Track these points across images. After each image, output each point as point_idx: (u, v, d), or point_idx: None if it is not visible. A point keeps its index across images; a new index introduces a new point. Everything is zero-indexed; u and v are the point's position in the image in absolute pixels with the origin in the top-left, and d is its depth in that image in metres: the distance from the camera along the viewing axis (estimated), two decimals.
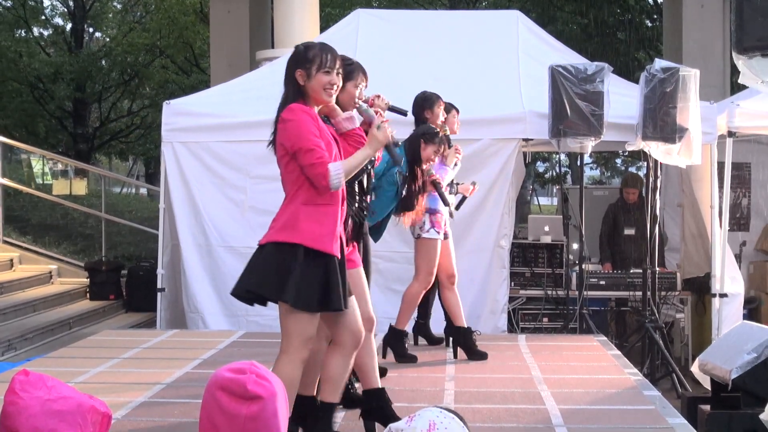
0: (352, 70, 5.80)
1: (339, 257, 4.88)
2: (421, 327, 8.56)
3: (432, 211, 7.73)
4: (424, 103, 7.98)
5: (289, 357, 4.84)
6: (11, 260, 13.64)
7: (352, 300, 5.08)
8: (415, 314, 8.39)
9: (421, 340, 8.57)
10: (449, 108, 8.32)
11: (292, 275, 4.72)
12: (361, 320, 5.10)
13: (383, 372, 7.19)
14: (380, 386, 5.73)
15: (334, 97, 5.10)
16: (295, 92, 4.96)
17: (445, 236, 8.00)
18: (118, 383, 7.02)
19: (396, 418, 5.40)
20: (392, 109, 6.55)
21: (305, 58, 5.00)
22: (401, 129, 7.43)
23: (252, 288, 4.89)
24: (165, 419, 5.99)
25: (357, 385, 6.27)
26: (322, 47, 5.11)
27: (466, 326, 8.05)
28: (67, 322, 11.96)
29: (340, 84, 5.13)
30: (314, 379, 5.42)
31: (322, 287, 4.79)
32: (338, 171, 4.78)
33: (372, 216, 6.56)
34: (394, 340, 7.87)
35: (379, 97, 6.50)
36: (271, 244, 4.81)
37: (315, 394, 5.46)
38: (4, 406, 3.69)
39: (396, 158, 5.42)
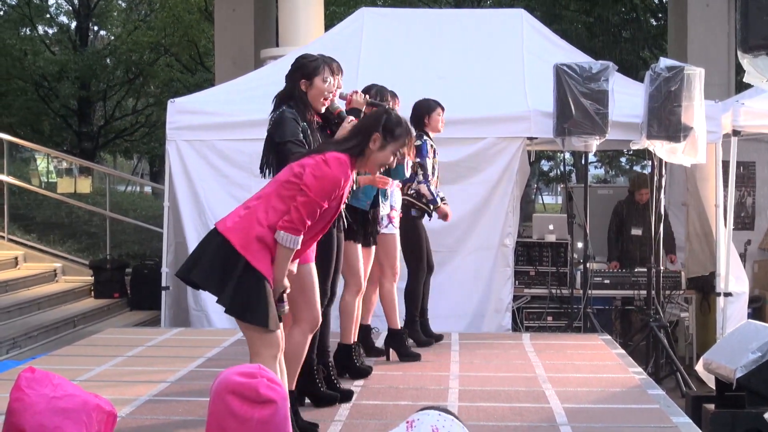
0: (317, 65, 5.87)
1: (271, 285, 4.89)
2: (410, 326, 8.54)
3: (390, 207, 7.72)
4: (422, 109, 8.13)
5: (260, 358, 4.83)
6: (16, 258, 13.65)
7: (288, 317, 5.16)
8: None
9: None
10: (435, 105, 8.33)
11: (231, 280, 4.75)
12: (283, 336, 5.06)
13: (368, 371, 7.22)
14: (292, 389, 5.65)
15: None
16: (359, 145, 5.02)
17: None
18: (122, 381, 7.02)
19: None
20: (371, 104, 6.60)
21: (394, 134, 5.09)
22: None
23: (196, 280, 4.92)
24: (169, 417, 6.00)
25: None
26: (408, 129, 5.23)
27: (399, 328, 7.91)
28: (72, 320, 11.97)
29: None
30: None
31: (253, 301, 4.79)
32: (290, 247, 4.80)
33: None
34: (393, 340, 7.83)
35: (356, 92, 6.56)
36: (222, 238, 4.81)
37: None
38: (10, 402, 3.70)
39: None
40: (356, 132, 5.10)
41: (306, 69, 5.91)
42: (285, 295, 5.00)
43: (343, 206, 5.24)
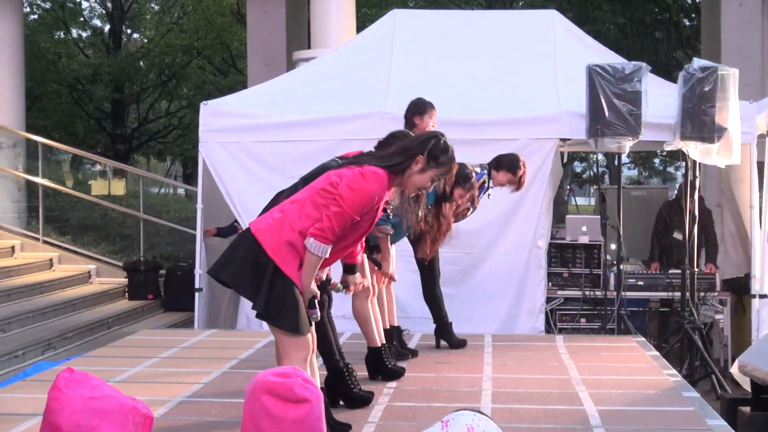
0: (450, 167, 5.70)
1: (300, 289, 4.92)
2: (442, 329, 8.52)
3: None
4: (416, 109, 7.96)
5: (289, 359, 4.85)
6: (51, 260, 13.75)
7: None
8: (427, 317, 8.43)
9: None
10: (428, 106, 8.17)
11: (263, 284, 4.78)
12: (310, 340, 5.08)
13: (400, 373, 7.19)
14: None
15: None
16: (400, 164, 5.03)
17: None
18: (156, 382, 7.05)
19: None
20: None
21: (438, 161, 5.10)
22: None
23: (226, 280, 4.97)
24: (203, 418, 6.02)
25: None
26: (453, 159, 5.25)
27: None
28: (106, 321, 12.04)
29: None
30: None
31: (282, 305, 4.83)
32: (319, 254, 4.84)
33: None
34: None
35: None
36: (254, 239, 4.86)
37: None
38: (48, 401, 3.73)
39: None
40: (401, 150, 5.09)
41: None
42: (316, 302, 5.02)
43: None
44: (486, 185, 8.24)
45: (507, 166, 8.29)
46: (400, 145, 5.19)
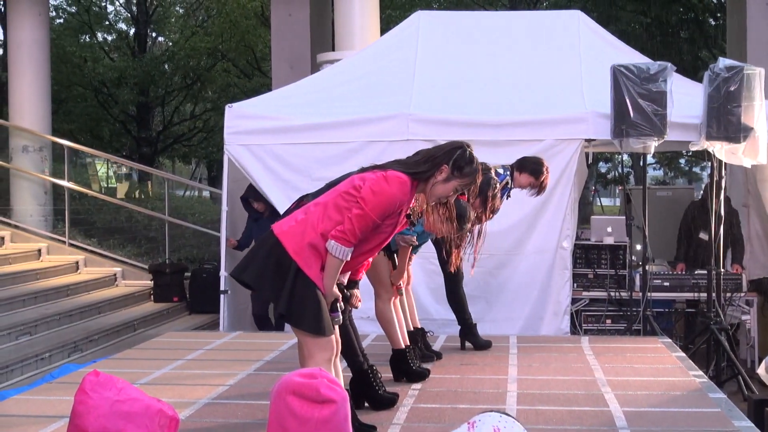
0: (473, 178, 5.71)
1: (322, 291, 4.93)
2: (466, 330, 8.50)
3: None
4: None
5: (314, 360, 4.88)
6: (77, 263, 13.82)
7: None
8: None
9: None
10: None
11: (285, 285, 4.79)
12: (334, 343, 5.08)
13: (425, 374, 7.19)
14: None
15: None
16: (425, 172, 5.05)
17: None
18: (182, 384, 7.08)
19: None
20: None
21: (460, 167, 5.12)
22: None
23: (248, 281, 4.98)
24: (229, 420, 6.03)
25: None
26: (477, 171, 5.25)
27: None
28: (132, 323, 12.09)
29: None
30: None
31: (304, 307, 4.85)
32: (340, 257, 4.86)
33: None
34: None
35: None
36: (276, 240, 4.88)
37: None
38: (74, 405, 3.74)
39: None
40: (426, 159, 5.11)
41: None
42: (339, 305, 5.03)
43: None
44: (509, 186, 8.22)
45: (530, 169, 8.28)
46: (425, 153, 5.20)
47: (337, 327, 5.12)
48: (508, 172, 8.22)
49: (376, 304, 7.14)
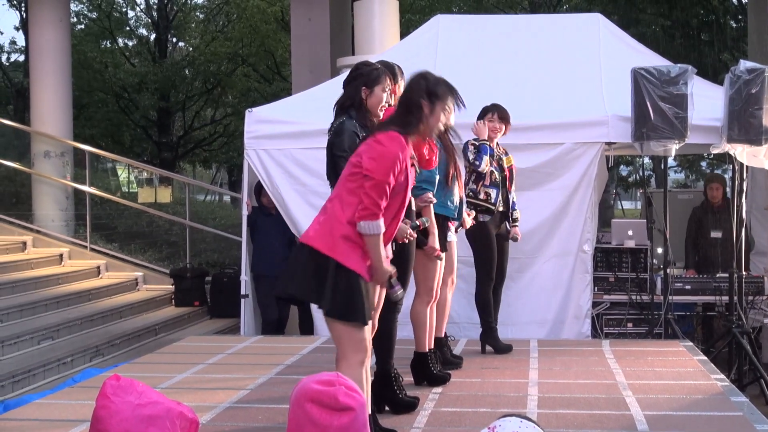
0: (378, 74, 5.93)
1: (368, 279, 4.95)
2: (488, 334, 8.50)
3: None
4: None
5: (347, 363, 4.89)
6: (98, 268, 13.86)
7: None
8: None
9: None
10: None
11: (326, 284, 4.78)
12: (370, 339, 5.08)
13: (446, 378, 7.18)
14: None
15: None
16: (411, 121, 5.05)
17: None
18: (203, 388, 7.09)
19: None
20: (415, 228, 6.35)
21: (438, 94, 5.11)
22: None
23: (293, 292, 4.99)
24: (249, 424, 6.04)
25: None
26: (449, 86, 5.25)
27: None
28: (153, 328, 12.12)
29: None
30: None
31: (349, 299, 4.84)
32: (375, 231, 4.85)
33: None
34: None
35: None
36: (308, 248, 4.87)
37: None
38: (96, 409, 3.76)
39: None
40: (405, 109, 5.09)
41: (368, 77, 5.93)
42: (394, 280, 5.05)
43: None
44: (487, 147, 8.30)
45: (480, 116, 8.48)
46: (400, 104, 5.18)
47: (371, 328, 5.10)
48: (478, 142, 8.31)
49: (413, 304, 7.14)
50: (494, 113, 8.45)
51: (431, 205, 6.94)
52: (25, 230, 14.34)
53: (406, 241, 5.83)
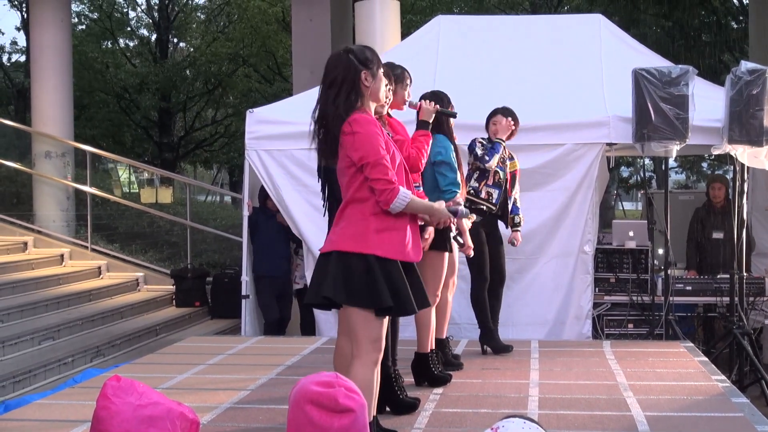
0: (401, 73, 5.91)
1: (417, 259, 4.95)
2: (486, 335, 8.48)
3: None
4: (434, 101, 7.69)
5: (362, 361, 4.86)
6: (99, 268, 13.86)
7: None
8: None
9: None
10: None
11: (364, 281, 4.76)
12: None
13: (447, 379, 7.18)
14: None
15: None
16: (357, 95, 4.97)
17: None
18: (203, 389, 7.09)
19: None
20: (441, 112, 6.69)
21: (367, 59, 5.02)
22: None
23: (328, 294, 4.87)
24: (250, 424, 6.04)
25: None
26: (371, 49, 5.13)
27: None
28: (154, 328, 12.11)
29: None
30: None
31: (392, 292, 4.82)
32: (405, 198, 4.82)
33: None
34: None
35: (426, 101, 6.57)
36: (337, 253, 4.83)
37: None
38: (96, 410, 3.75)
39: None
40: (343, 88, 5.00)
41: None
42: (452, 208, 5.12)
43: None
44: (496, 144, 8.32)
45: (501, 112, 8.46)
46: (336, 86, 5.05)
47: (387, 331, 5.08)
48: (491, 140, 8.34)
49: None
50: (511, 117, 8.42)
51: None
52: (26, 230, 14.34)
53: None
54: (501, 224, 8.59)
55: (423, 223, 5.43)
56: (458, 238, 7.30)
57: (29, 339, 10.32)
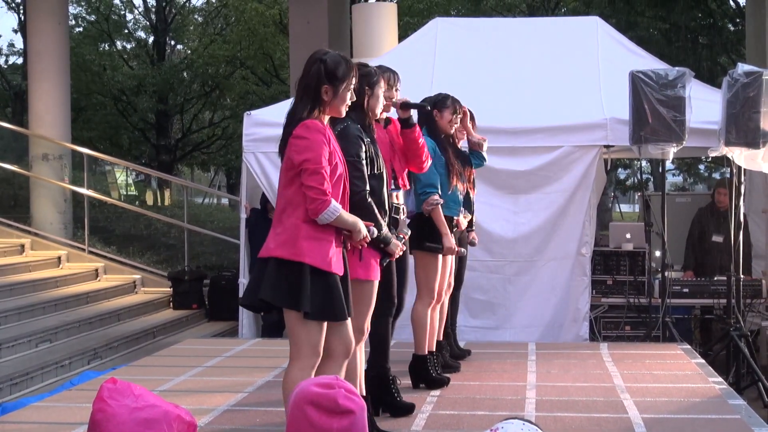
0: (376, 80, 5.83)
1: (341, 273, 4.94)
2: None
3: None
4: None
5: (300, 364, 4.89)
6: (96, 270, 13.85)
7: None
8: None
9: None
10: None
11: (301, 288, 4.78)
12: (352, 331, 5.07)
13: (444, 381, 7.17)
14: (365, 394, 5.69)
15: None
16: (313, 105, 4.98)
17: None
18: (201, 391, 7.10)
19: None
20: (409, 105, 6.52)
21: (334, 75, 5.00)
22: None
23: (265, 298, 4.90)
24: (247, 427, 6.04)
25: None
26: (348, 64, 5.11)
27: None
28: (151, 331, 12.11)
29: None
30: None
31: (328, 300, 4.84)
32: (335, 212, 4.82)
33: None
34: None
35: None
36: (274, 260, 4.85)
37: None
38: (92, 413, 3.75)
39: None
40: (303, 94, 5.03)
41: (369, 78, 5.87)
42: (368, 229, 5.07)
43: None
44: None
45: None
46: (300, 88, 5.08)
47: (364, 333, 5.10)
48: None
49: (415, 306, 7.11)
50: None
51: (439, 206, 6.97)
52: (23, 233, 14.33)
53: (398, 255, 5.69)
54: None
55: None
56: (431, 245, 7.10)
57: (26, 341, 10.32)
